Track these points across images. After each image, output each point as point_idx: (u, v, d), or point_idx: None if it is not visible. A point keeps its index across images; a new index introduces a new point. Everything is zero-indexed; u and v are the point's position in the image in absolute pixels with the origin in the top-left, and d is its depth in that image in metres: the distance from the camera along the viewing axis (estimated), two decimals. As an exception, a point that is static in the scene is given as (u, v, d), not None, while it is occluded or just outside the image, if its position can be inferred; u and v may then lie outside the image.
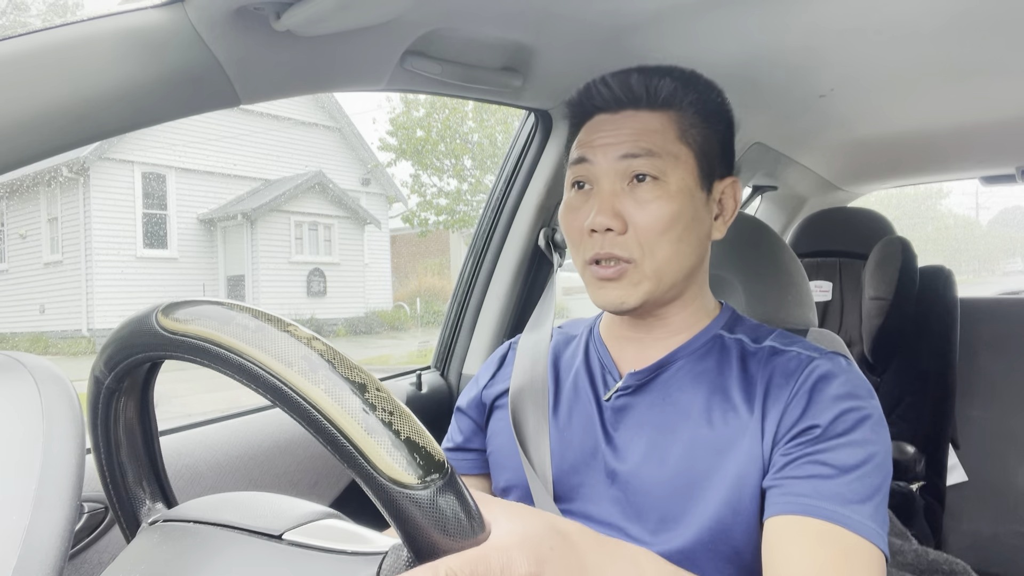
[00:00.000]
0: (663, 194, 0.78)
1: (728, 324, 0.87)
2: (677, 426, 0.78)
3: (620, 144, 0.79)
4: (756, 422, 0.75)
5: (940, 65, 1.27)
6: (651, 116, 0.80)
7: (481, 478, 0.98)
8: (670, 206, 0.78)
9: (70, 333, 7.70)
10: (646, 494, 0.77)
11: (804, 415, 0.73)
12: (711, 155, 0.82)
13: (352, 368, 0.41)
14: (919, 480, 1.77)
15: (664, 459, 0.77)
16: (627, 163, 0.79)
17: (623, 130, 0.80)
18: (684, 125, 0.81)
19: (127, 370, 0.52)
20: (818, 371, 0.76)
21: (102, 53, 0.72)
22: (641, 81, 0.81)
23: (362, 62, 0.96)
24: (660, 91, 0.80)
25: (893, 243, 1.91)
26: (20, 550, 0.39)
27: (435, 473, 0.39)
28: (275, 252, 9.27)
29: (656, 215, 0.77)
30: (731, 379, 0.79)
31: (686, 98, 0.81)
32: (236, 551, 0.48)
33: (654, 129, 0.79)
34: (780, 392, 0.76)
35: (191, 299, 0.48)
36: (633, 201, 0.78)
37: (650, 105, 0.81)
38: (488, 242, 1.50)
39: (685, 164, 0.80)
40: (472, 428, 0.99)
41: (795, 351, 0.80)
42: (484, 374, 1.01)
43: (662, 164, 0.78)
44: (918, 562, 1.03)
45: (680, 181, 0.79)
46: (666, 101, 0.80)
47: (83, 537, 0.95)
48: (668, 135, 0.79)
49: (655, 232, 0.78)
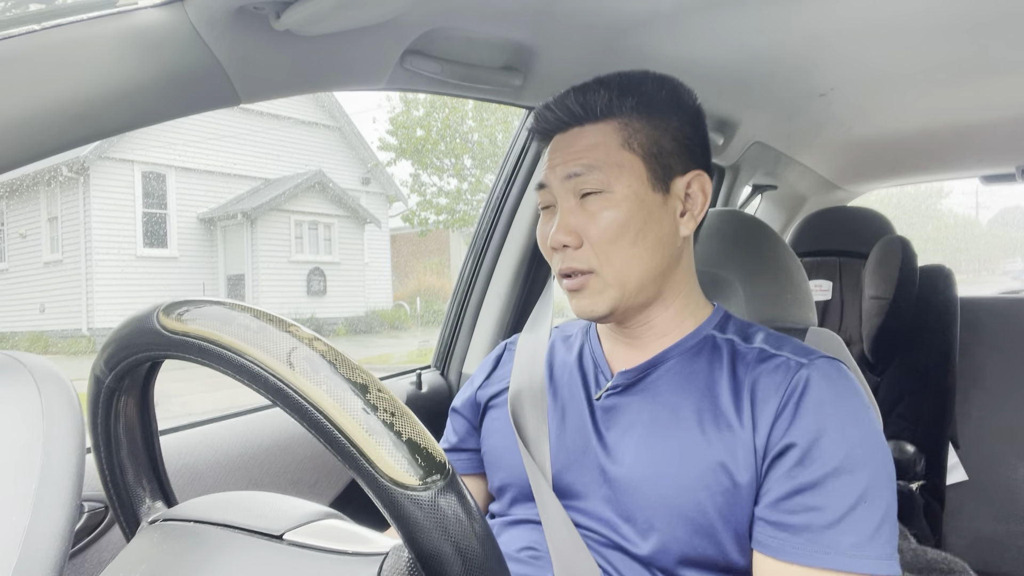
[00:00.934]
0: (608, 204, 0.80)
1: (720, 324, 0.87)
2: (667, 428, 0.78)
3: (566, 164, 0.82)
4: (748, 434, 0.75)
5: (940, 65, 1.27)
6: (593, 129, 0.82)
7: (476, 478, 0.99)
8: (617, 214, 0.79)
9: (70, 332, 7.70)
10: (634, 494, 0.77)
11: (790, 433, 0.73)
12: (664, 154, 0.82)
13: (354, 369, 0.41)
14: (919, 479, 1.77)
15: (653, 462, 0.77)
16: (573, 182, 0.81)
17: (570, 149, 0.83)
18: (628, 132, 0.81)
19: (127, 369, 0.52)
20: (805, 382, 0.75)
21: (102, 53, 0.72)
22: (577, 99, 0.83)
23: (362, 61, 0.96)
24: (595, 104, 0.82)
25: (893, 242, 1.90)
26: (20, 550, 0.39)
27: (436, 474, 0.39)
28: (275, 251, 9.26)
29: (604, 225, 0.79)
30: (721, 383, 0.79)
31: (624, 104, 0.82)
32: (237, 551, 0.48)
33: (596, 143, 0.81)
34: (768, 404, 0.75)
35: (192, 299, 0.48)
36: (585, 215, 0.81)
37: (591, 118, 0.82)
38: (488, 241, 1.50)
39: (631, 170, 0.80)
40: (467, 428, 0.99)
41: (784, 356, 0.79)
42: (479, 375, 1.02)
43: (604, 177, 0.80)
44: (916, 561, 1.04)
45: (626, 188, 0.80)
46: (604, 112, 0.82)
47: (83, 537, 0.95)
48: (611, 146, 0.81)
49: (606, 241, 0.80)
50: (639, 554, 0.76)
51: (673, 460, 0.76)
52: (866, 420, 0.74)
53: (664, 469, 0.76)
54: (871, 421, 0.74)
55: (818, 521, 0.69)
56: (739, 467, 0.74)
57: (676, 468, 0.76)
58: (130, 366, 0.51)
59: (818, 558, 0.67)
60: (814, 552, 0.68)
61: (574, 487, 0.82)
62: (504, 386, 0.94)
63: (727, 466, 0.74)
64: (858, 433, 0.72)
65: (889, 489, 0.71)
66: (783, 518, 0.71)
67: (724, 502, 0.73)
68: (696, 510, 0.74)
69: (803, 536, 0.69)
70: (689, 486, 0.74)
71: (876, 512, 0.69)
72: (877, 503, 0.69)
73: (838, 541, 0.67)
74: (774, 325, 1.05)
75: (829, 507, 0.69)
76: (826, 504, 0.69)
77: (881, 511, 0.69)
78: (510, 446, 0.87)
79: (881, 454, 0.72)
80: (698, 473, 0.74)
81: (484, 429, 0.96)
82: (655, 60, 1.11)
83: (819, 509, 0.69)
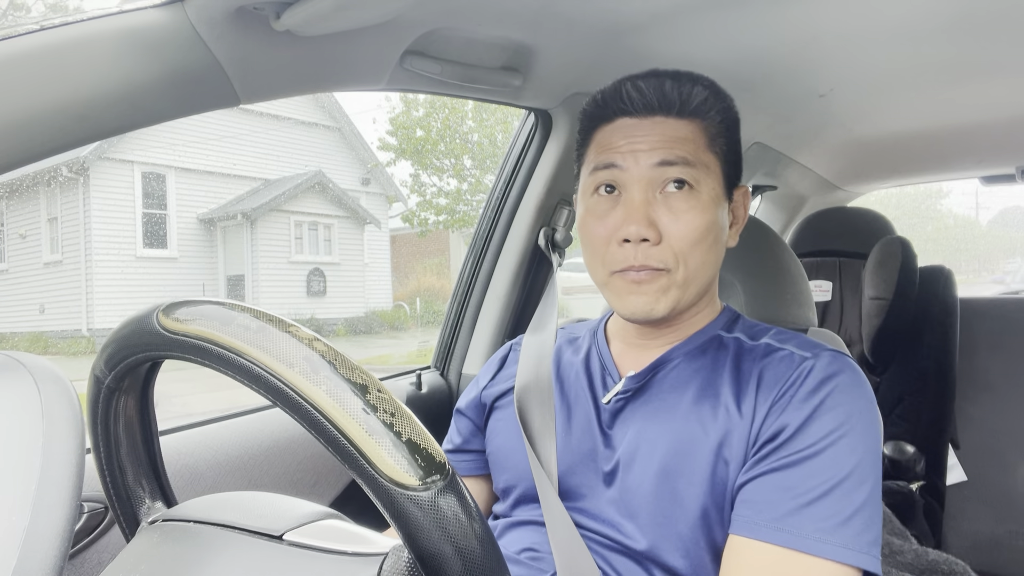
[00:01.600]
0: (697, 204, 0.77)
1: (727, 324, 0.86)
2: (665, 421, 0.78)
3: (654, 151, 0.78)
4: (746, 423, 0.74)
5: (940, 65, 1.27)
6: (680, 124, 0.79)
7: (480, 479, 0.98)
8: (704, 216, 0.77)
9: (70, 333, 7.70)
10: (636, 491, 0.77)
11: (783, 416, 0.72)
12: (732, 163, 0.83)
13: (354, 369, 0.41)
14: (919, 480, 1.77)
15: (652, 456, 0.77)
16: (662, 171, 0.77)
17: (654, 136, 0.78)
18: (712, 134, 0.80)
19: (127, 369, 0.52)
20: (807, 372, 0.74)
21: (102, 53, 0.72)
22: (675, 88, 0.79)
23: (362, 62, 0.96)
24: (693, 99, 0.79)
25: (893, 243, 1.90)
26: (20, 550, 0.39)
27: (436, 474, 0.39)
28: (275, 252, 9.26)
29: (691, 225, 0.77)
30: (723, 376, 0.79)
31: (715, 107, 0.80)
32: (237, 551, 0.48)
33: (685, 137, 0.78)
34: (769, 392, 0.75)
35: (192, 299, 0.48)
36: (666, 210, 0.77)
37: (680, 113, 0.79)
38: (488, 242, 1.50)
39: (714, 173, 0.79)
40: (471, 429, 0.99)
41: (789, 349, 0.79)
42: (484, 375, 1.01)
43: (696, 173, 0.77)
44: (917, 562, 1.03)
45: (711, 191, 0.79)
46: (696, 110, 0.79)
47: (83, 537, 0.94)
48: (699, 144, 0.79)
49: (690, 242, 0.77)
50: (638, 549, 0.76)
51: (673, 454, 0.76)
52: (863, 413, 0.72)
53: (665, 463, 0.76)
54: (868, 415, 0.73)
55: (787, 501, 0.67)
56: (733, 455, 0.73)
57: (677, 461, 0.75)
58: (130, 366, 0.51)
59: (780, 536, 0.66)
60: (776, 531, 0.66)
61: (579, 489, 0.82)
62: (510, 385, 0.94)
63: (723, 455, 0.73)
64: (851, 424, 0.70)
65: (871, 483, 0.69)
66: (753, 496, 0.70)
67: (720, 493, 0.73)
68: (696, 502, 0.74)
69: (767, 513, 0.68)
70: (690, 479, 0.74)
71: (851, 501, 0.67)
72: (855, 494, 0.67)
73: (802, 524, 0.66)
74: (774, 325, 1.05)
75: (801, 489, 0.67)
76: (798, 485, 0.68)
77: (858, 502, 0.67)
78: (516, 447, 0.87)
79: (870, 449, 0.71)
80: (698, 465, 0.74)
81: (489, 429, 0.95)
82: (655, 60, 1.11)
83: (790, 489, 0.68)
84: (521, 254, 1.48)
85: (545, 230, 1.45)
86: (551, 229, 1.45)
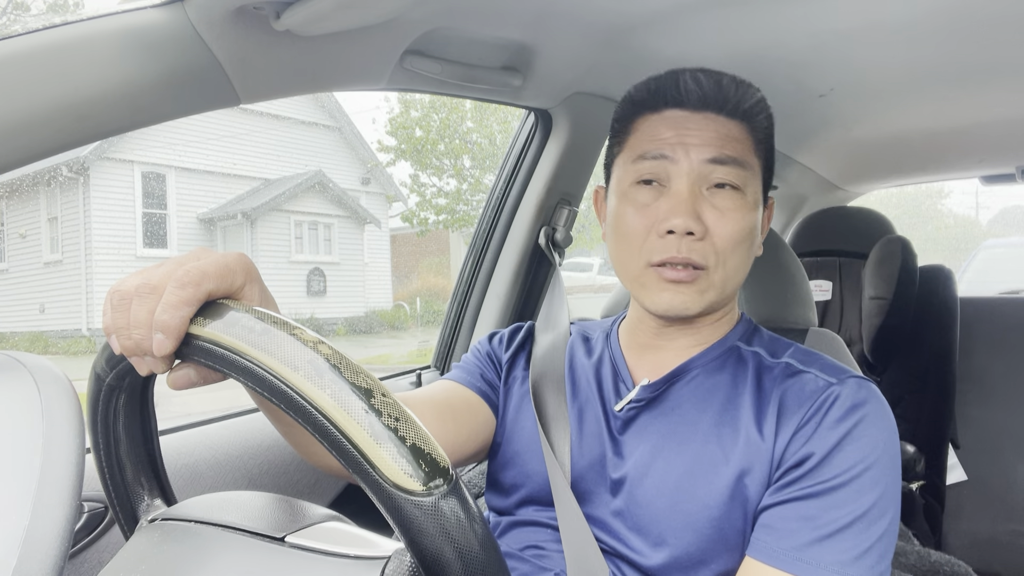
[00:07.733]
0: (742, 204, 0.77)
1: (746, 335, 0.85)
2: (685, 439, 0.77)
3: (706, 146, 0.76)
4: (768, 447, 0.73)
5: (940, 65, 1.27)
6: (730, 124, 0.78)
7: (463, 388, 0.91)
8: (747, 218, 0.77)
9: (70, 332, 7.69)
10: (647, 506, 0.75)
11: (810, 444, 0.71)
12: (769, 172, 0.83)
13: (358, 373, 0.41)
14: (919, 479, 1.77)
15: (668, 472, 0.75)
16: (711, 168, 0.76)
17: (707, 132, 0.77)
18: (758, 138, 0.80)
19: (129, 368, 0.52)
20: (834, 399, 0.73)
21: (102, 53, 0.72)
22: (732, 86, 0.78)
23: (362, 61, 0.96)
24: (746, 100, 0.79)
25: (893, 242, 1.90)
26: (20, 550, 0.39)
27: (439, 479, 0.39)
28: (275, 251, 9.25)
29: (736, 226, 0.76)
30: (744, 395, 0.77)
31: (763, 112, 0.81)
32: (237, 552, 0.48)
33: (736, 137, 0.78)
34: (792, 416, 0.73)
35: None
36: (711, 207, 0.76)
37: (732, 112, 0.79)
38: (488, 242, 1.50)
39: (757, 177, 0.80)
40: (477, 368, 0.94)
41: (812, 373, 0.77)
42: (499, 339, 0.96)
43: (744, 174, 0.77)
44: (920, 564, 1.03)
45: (754, 194, 0.79)
46: (748, 111, 0.79)
47: (83, 537, 0.94)
48: (747, 145, 0.79)
49: (732, 242, 0.76)
50: (647, 565, 0.74)
51: (690, 475, 0.74)
52: (887, 445, 0.71)
53: (680, 484, 0.74)
54: (893, 447, 0.72)
55: (808, 531, 0.67)
56: (755, 481, 0.72)
57: (693, 483, 0.74)
58: (131, 365, 0.51)
59: (798, 566, 0.66)
60: (795, 560, 0.66)
61: (587, 495, 0.81)
62: (523, 373, 0.91)
63: (744, 481, 0.72)
64: (876, 455, 0.70)
65: (891, 514, 0.69)
66: (775, 522, 0.69)
67: (739, 516, 0.72)
68: (711, 525, 0.72)
69: (788, 542, 0.67)
70: (705, 501, 0.73)
71: (871, 535, 0.67)
72: (874, 526, 0.67)
73: (822, 555, 0.66)
74: (774, 325, 1.05)
75: (823, 520, 0.67)
76: (820, 516, 0.68)
77: (876, 534, 0.67)
78: (535, 450, 0.84)
79: (893, 481, 0.70)
80: (715, 489, 0.73)
81: (508, 427, 0.90)
82: (655, 60, 1.11)
83: (812, 519, 0.68)
84: (521, 254, 1.48)
85: (545, 229, 1.45)
86: (551, 228, 1.45)
